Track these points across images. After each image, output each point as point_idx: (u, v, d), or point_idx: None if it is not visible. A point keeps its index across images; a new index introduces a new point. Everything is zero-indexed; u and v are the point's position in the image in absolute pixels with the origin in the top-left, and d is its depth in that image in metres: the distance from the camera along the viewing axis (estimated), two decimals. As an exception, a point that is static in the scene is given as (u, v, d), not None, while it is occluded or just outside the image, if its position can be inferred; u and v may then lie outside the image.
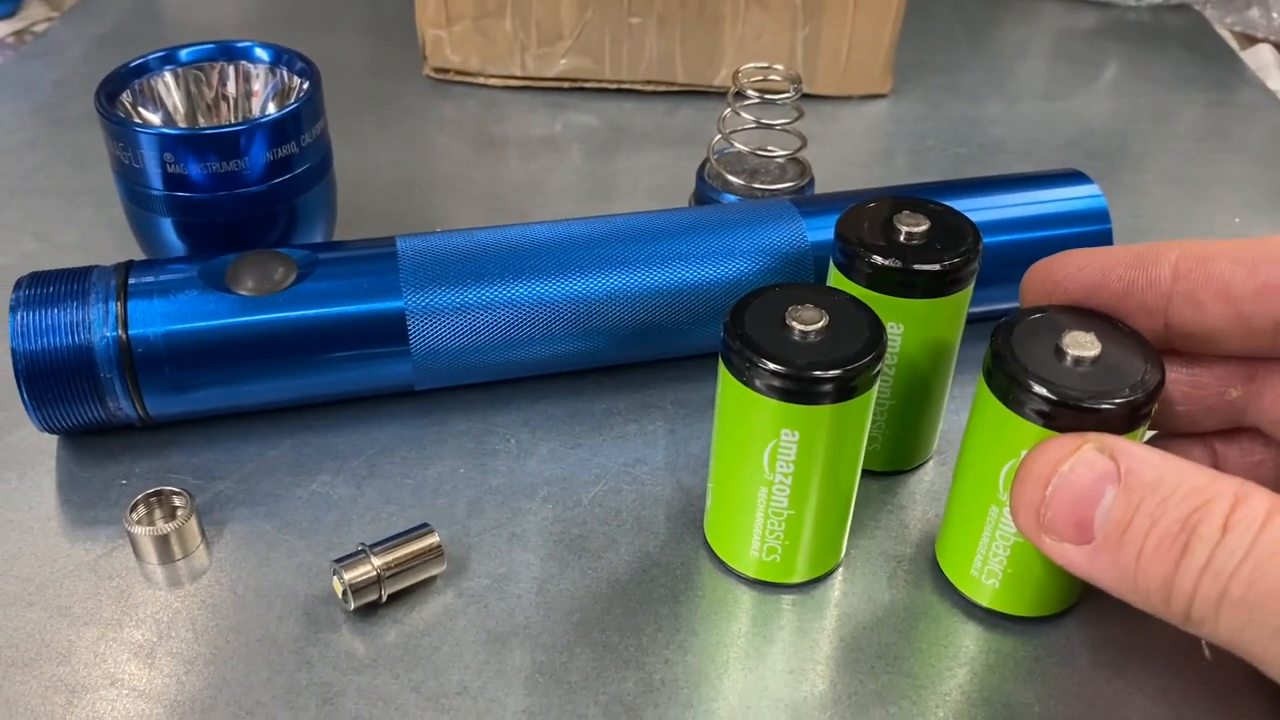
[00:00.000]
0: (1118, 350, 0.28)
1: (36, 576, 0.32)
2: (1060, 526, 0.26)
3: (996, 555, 0.30)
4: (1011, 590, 0.30)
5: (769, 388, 0.28)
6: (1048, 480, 0.26)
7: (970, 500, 0.30)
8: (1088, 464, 0.25)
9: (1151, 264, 0.29)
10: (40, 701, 0.28)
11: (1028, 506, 0.26)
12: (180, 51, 0.41)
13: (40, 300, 0.34)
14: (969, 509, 0.30)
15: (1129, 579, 0.25)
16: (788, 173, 0.45)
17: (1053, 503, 0.26)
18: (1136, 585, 0.25)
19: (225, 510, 0.34)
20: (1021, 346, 0.28)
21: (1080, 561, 0.26)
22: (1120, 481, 0.25)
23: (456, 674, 0.29)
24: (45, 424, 0.34)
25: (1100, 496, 0.25)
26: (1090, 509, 0.25)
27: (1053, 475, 0.26)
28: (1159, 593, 0.24)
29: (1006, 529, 0.29)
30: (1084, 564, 0.26)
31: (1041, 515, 0.26)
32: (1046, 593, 0.30)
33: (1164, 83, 0.62)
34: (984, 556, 0.30)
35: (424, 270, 0.36)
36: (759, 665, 0.30)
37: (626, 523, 0.34)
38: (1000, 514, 0.29)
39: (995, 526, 0.29)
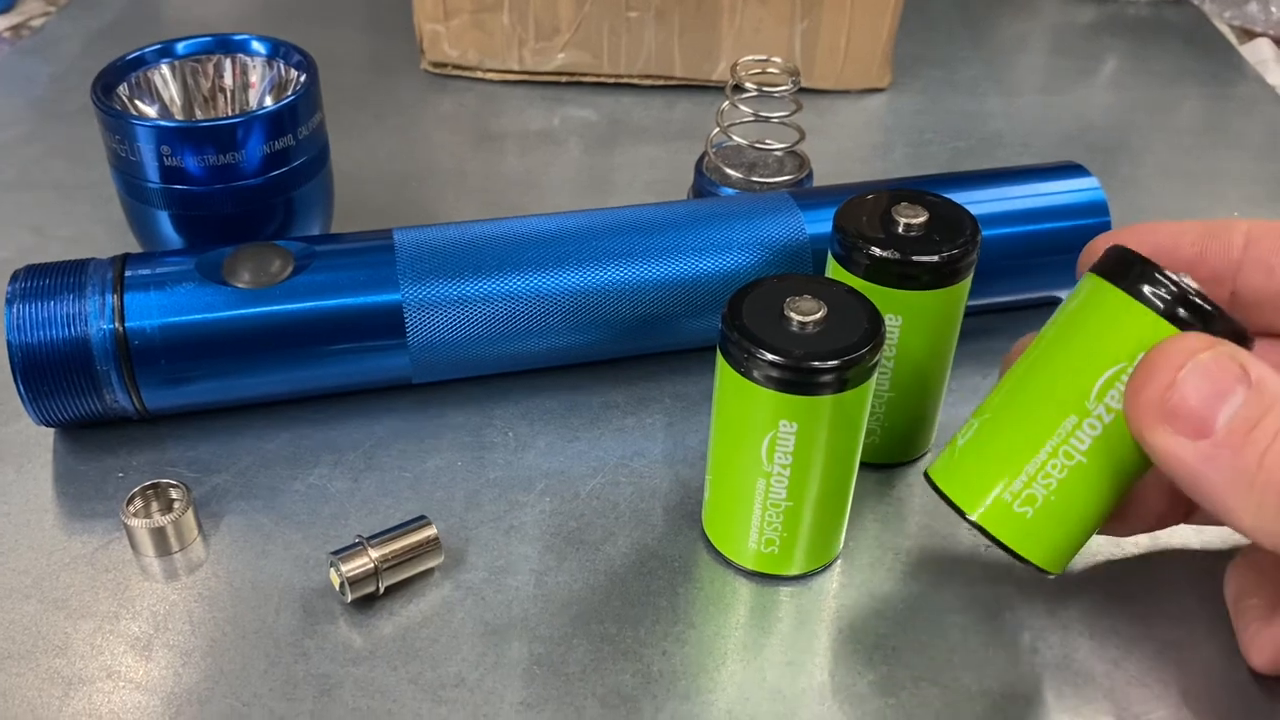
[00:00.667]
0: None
1: (33, 569, 0.32)
2: (1184, 415, 0.25)
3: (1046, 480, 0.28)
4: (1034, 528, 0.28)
5: (767, 378, 0.28)
6: (1179, 366, 0.25)
7: (1030, 419, 0.28)
8: (1224, 360, 0.25)
9: (1224, 231, 0.29)
10: (37, 694, 0.28)
11: (1149, 389, 0.25)
12: (177, 44, 0.41)
13: (36, 293, 0.34)
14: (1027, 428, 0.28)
15: (1245, 479, 0.24)
16: (786, 166, 0.45)
17: (1181, 387, 0.24)
18: (1253, 487, 0.24)
19: (222, 503, 0.34)
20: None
21: (1190, 458, 0.25)
22: (1251, 384, 0.24)
23: (454, 666, 0.29)
24: (42, 417, 0.34)
25: (1230, 393, 0.24)
26: (1219, 402, 0.24)
27: (1188, 362, 0.25)
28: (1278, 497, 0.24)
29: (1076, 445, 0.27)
30: (1194, 461, 0.25)
31: (1164, 402, 0.25)
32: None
33: (1163, 77, 0.62)
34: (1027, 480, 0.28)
35: (421, 263, 0.36)
36: (757, 657, 0.30)
37: (624, 515, 0.34)
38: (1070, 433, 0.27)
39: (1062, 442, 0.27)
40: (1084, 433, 0.27)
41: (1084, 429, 0.27)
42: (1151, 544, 0.33)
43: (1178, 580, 0.32)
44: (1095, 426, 0.27)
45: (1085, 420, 0.27)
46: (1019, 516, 0.28)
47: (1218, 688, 0.29)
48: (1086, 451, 0.27)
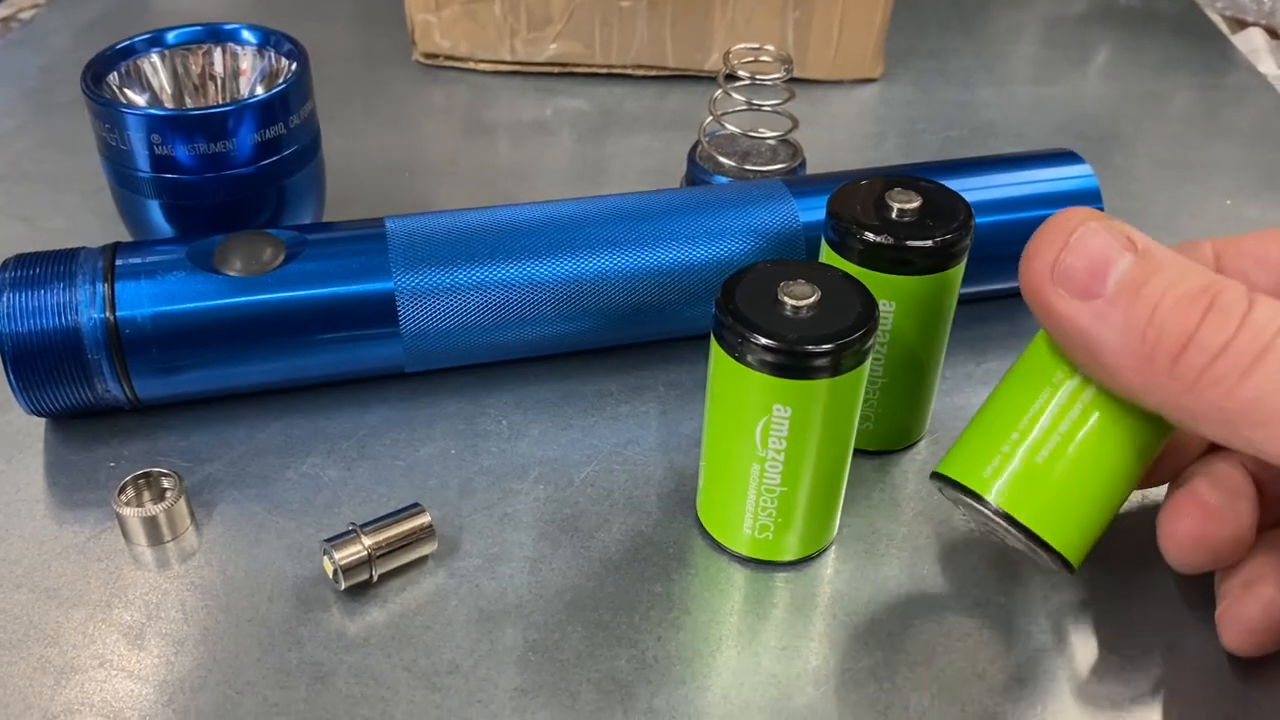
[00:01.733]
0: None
1: (24, 559, 0.31)
2: (1074, 277, 0.26)
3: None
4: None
5: (761, 363, 0.28)
6: (1070, 232, 0.26)
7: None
8: (1113, 227, 0.26)
9: (1193, 249, 0.29)
10: (28, 683, 0.28)
11: (1042, 256, 0.26)
12: (168, 34, 0.41)
13: (26, 282, 0.34)
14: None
15: (1135, 335, 0.25)
16: (779, 154, 0.44)
17: (1072, 251, 0.26)
18: (1144, 341, 0.25)
19: (215, 492, 0.34)
20: None
21: (1084, 319, 0.25)
22: (1138, 251, 0.25)
23: (448, 653, 0.29)
24: (33, 407, 0.34)
25: (1118, 258, 0.25)
26: (1107, 265, 0.25)
27: (1076, 229, 0.26)
28: (1170, 347, 0.24)
29: None
30: (1088, 322, 0.25)
31: (1056, 265, 0.26)
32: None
33: (1155, 67, 0.62)
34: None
35: (413, 251, 0.36)
36: (752, 642, 0.30)
37: (618, 503, 0.34)
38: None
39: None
40: (1074, 409, 0.28)
41: (1073, 407, 0.28)
42: (1147, 528, 0.33)
43: (1172, 564, 0.32)
44: (1084, 399, 0.27)
45: (1076, 398, 0.28)
46: (1035, 491, 0.28)
47: (1210, 673, 0.29)
48: (1076, 420, 0.28)
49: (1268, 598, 0.28)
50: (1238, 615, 0.29)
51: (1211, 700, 0.29)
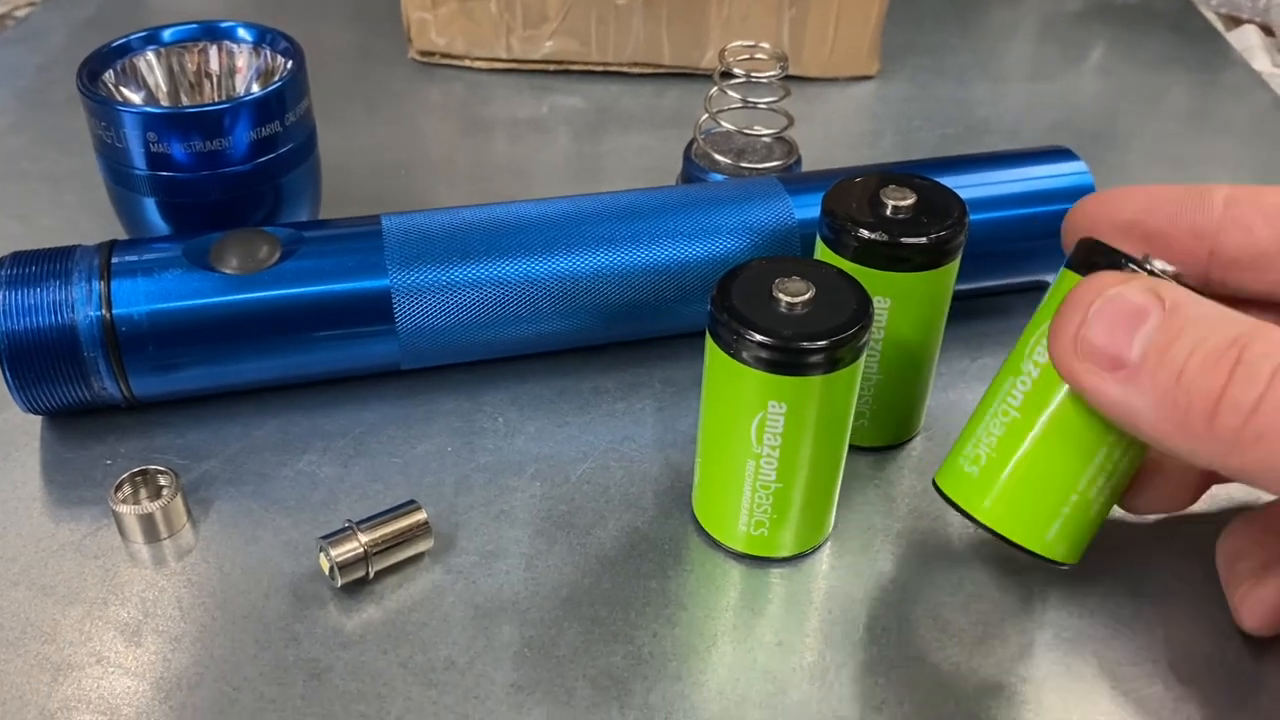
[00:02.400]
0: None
1: (21, 556, 0.31)
2: (1098, 348, 0.25)
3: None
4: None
5: (756, 359, 0.28)
6: (1089, 304, 0.25)
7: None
8: (1134, 289, 0.25)
9: (1203, 193, 0.29)
10: (25, 680, 0.28)
11: (1066, 331, 0.25)
12: (163, 31, 0.41)
13: (22, 280, 0.34)
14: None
15: (1167, 400, 0.24)
16: (775, 152, 0.45)
17: (1093, 323, 0.25)
18: (1177, 404, 0.24)
19: (211, 489, 0.34)
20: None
21: (1114, 392, 0.25)
22: (1165, 310, 0.24)
23: (444, 649, 0.29)
24: (29, 405, 0.34)
25: (1142, 322, 0.24)
26: (1129, 333, 0.24)
27: (1094, 300, 0.25)
28: (1203, 409, 0.23)
29: None
30: (1118, 393, 0.25)
31: (1079, 340, 0.25)
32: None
33: (1150, 64, 0.62)
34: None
35: (409, 248, 0.36)
36: (747, 638, 0.30)
37: (614, 499, 0.34)
38: None
39: None
40: (1017, 390, 0.28)
41: (1016, 386, 0.28)
42: (1142, 520, 0.33)
43: (1170, 557, 0.32)
44: (1025, 383, 0.28)
45: (1018, 379, 0.28)
46: (968, 476, 0.29)
47: (1211, 666, 0.29)
48: (1020, 407, 0.28)
49: None
50: (1260, 598, 0.29)
51: (1214, 697, 0.29)
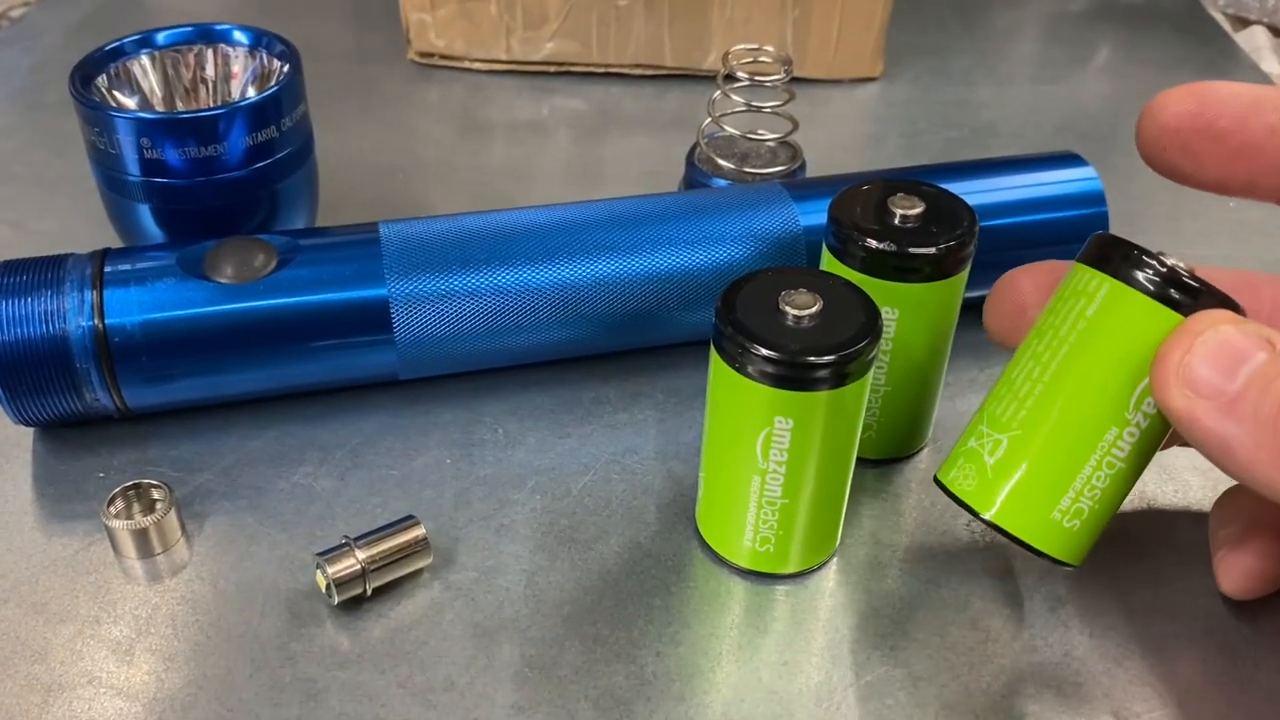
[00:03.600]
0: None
1: (11, 572, 0.31)
2: (1199, 376, 0.24)
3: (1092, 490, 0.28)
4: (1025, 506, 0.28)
5: (762, 374, 0.27)
6: (1197, 334, 0.25)
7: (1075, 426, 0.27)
8: (1246, 330, 0.25)
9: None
10: (15, 701, 0.28)
11: (1169, 357, 0.25)
12: (157, 34, 0.40)
13: (13, 289, 0.33)
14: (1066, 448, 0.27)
15: (1268, 427, 0.23)
16: (779, 156, 0.44)
17: (1197, 351, 0.24)
18: (1278, 433, 0.23)
19: (206, 503, 0.33)
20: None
21: (1209, 418, 0.24)
22: (1274, 351, 0.24)
23: (444, 669, 0.29)
24: (20, 416, 0.34)
25: (1251, 356, 0.24)
26: (1237, 363, 0.24)
27: (1204, 330, 0.25)
28: None
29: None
30: (1215, 419, 0.24)
31: (1181, 365, 0.25)
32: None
33: (1156, 65, 0.62)
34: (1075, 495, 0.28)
35: (408, 257, 0.35)
36: (752, 657, 0.29)
37: (616, 513, 0.33)
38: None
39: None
40: (1125, 441, 0.27)
41: (1125, 438, 0.27)
42: (1151, 540, 0.33)
43: (1178, 577, 0.32)
44: (1134, 434, 0.27)
45: (1125, 429, 0.27)
46: (1069, 530, 0.28)
47: (1217, 686, 0.29)
48: (1126, 458, 0.27)
49: (1264, 545, 0.29)
50: (1236, 562, 0.30)
51: (1223, 714, 0.28)
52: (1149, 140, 0.31)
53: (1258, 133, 0.29)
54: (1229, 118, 0.29)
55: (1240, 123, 0.29)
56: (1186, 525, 0.33)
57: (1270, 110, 0.29)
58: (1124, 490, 0.28)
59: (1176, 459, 0.35)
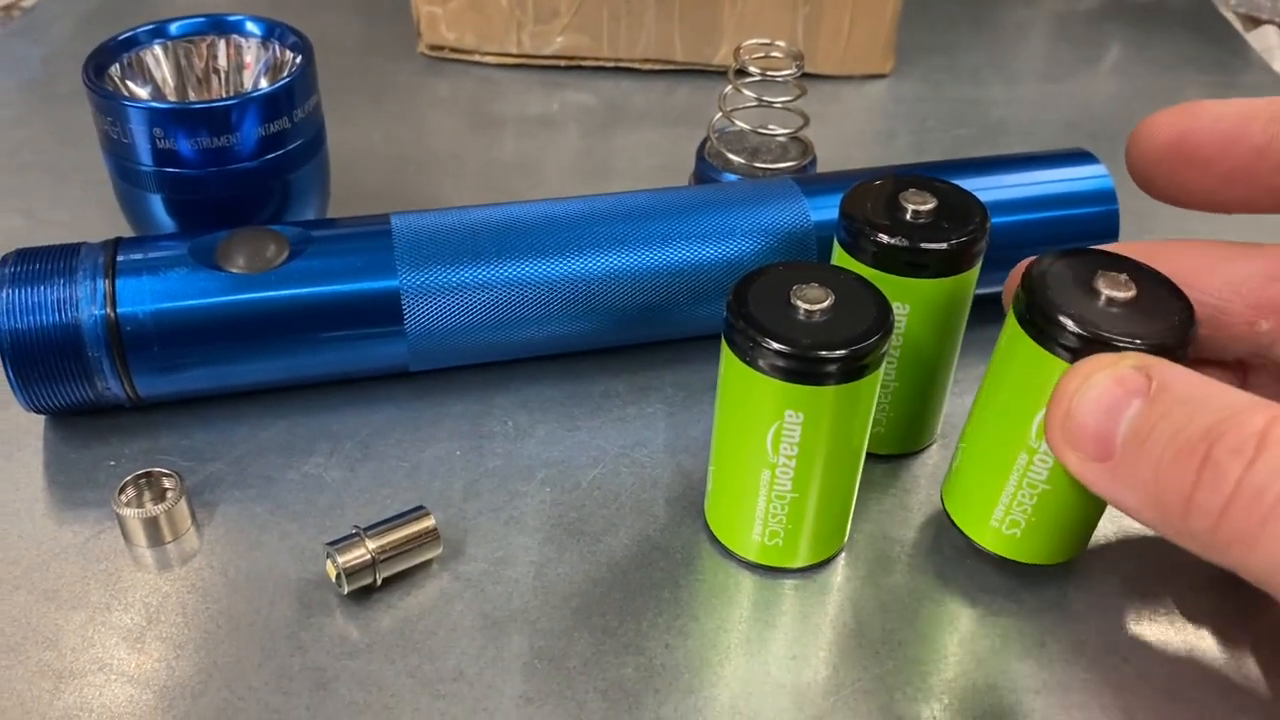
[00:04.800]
0: (1150, 292, 0.28)
1: (23, 559, 0.31)
2: (1083, 437, 0.24)
3: (1021, 505, 0.29)
4: (1031, 540, 0.30)
5: (773, 367, 0.27)
6: (1072, 393, 0.25)
7: (994, 447, 0.29)
8: (1118, 377, 0.24)
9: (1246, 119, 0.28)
10: (27, 687, 0.28)
11: (1054, 419, 0.25)
12: (170, 25, 0.40)
13: (26, 277, 0.33)
14: (992, 456, 0.29)
15: (1148, 495, 0.23)
16: (789, 151, 0.44)
17: (1076, 412, 0.24)
18: (1157, 501, 0.23)
19: (216, 492, 0.33)
20: (1055, 286, 0.28)
21: (1102, 480, 0.24)
22: (1149, 394, 0.23)
23: (453, 659, 0.29)
24: (32, 404, 0.34)
25: (1126, 408, 0.24)
26: (1114, 421, 0.24)
27: (1079, 387, 0.24)
28: (1176, 510, 0.22)
29: (1035, 476, 0.29)
30: (1106, 482, 0.24)
31: (1065, 427, 0.25)
32: (1065, 541, 0.30)
33: (1166, 65, 0.61)
34: (1007, 507, 0.30)
35: (419, 248, 0.35)
36: (761, 650, 0.29)
37: (625, 506, 0.33)
38: (1029, 461, 0.28)
39: (1023, 474, 0.29)
40: (1039, 466, 0.28)
41: (1036, 464, 0.28)
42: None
43: (1191, 573, 0.32)
44: (1046, 460, 0.28)
45: (1035, 456, 0.28)
46: (1010, 536, 0.30)
47: (1228, 682, 0.29)
48: (1048, 480, 0.28)
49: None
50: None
51: (1234, 710, 0.28)
52: (1136, 169, 0.31)
53: (1244, 156, 0.29)
54: (1212, 145, 0.29)
55: (1224, 149, 0.29)
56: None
57: (1258, 130, 0.29)
58: (1069, 502, 0.29)
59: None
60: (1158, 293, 0.28)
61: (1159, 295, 0.28)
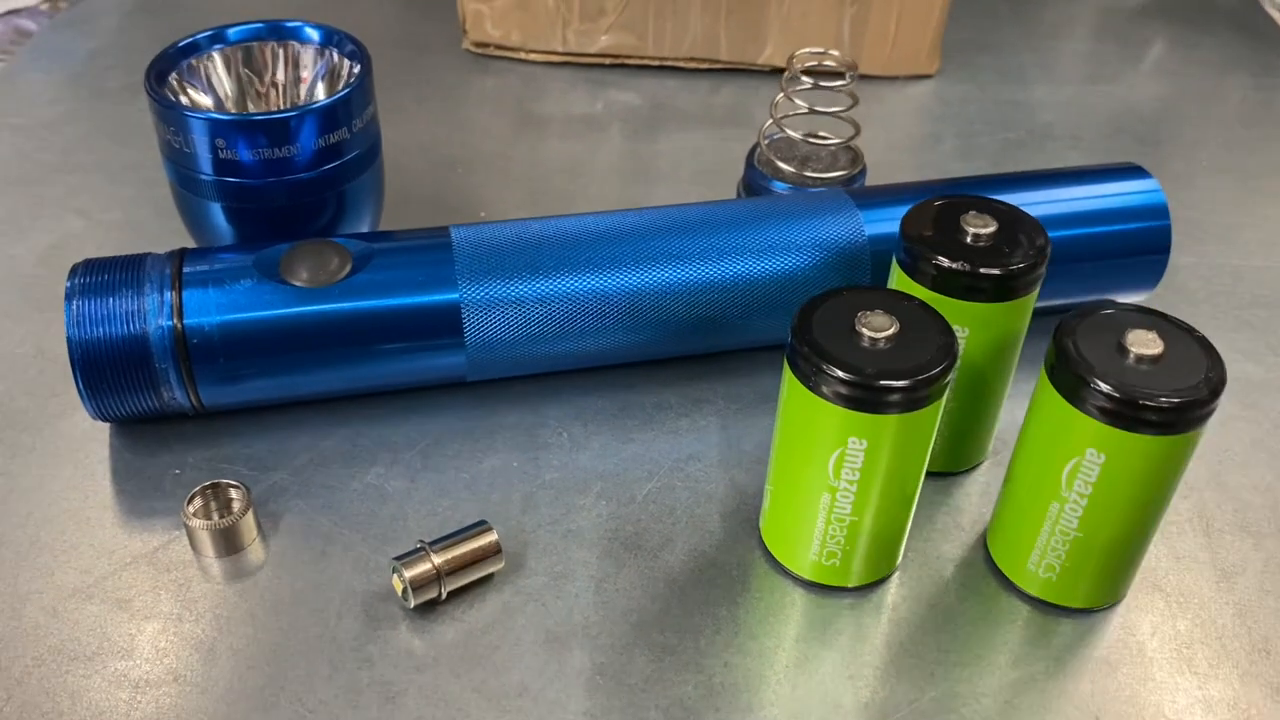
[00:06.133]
0: (1179, 348, 0.28)
1: (95, 569, 0.32)
2: None
3: (1055, 550, 0.30)
4: (1067, 583, 0.31)
5: (837, 395, 0.28)
6: None
7: (1029, 496, 0.30)
8: None
9: None
10: (104, 696, 0.28)
11: None
12: (228, 30, 0.41)
13: (95, 289, 0.34)
14: (1028, 504, 0.30)
15: None
16: (839, 160, 0.44)
17: None
18: None
19: (280, 502, 0.34)
20: (1085, 344, 0.28)
21: None
22: None
23: (517, 674, 0.29)
24: (99, 412, 0.34)
25: None
26: None
27: None
28: None
29: (1067, 524, 0.29)
30: None
31: None
32: (1100, 586, 0.31)
33: (1212, 65, 0.61)
34: (1041, 550, 0.30)
35: (479, 262, 0.35)
36: (818, 670, 0.30)
37: (681, 521, 0.34)
38: (1060, 510, 0.29)
39: (1055, 522, 0.29)
40: (1069, 514, 0.29)
41: (1067, 510, 0.29)
42: (1224, 564, 0.33)
43: (1250, 596, 0.32)
44: (1077, 508, 0.29)
45: (1065, 505, 0.29)
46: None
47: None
48: (1079, 527, 0.29)
49: None
50: None
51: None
52: None
53: None
54: None
55: None
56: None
57: None
58: (1101, 548, 0.30)
59: (1237, 478, 0.35)
60: (1188, 349, 0.28)
61: (1189, 352, 0.28)
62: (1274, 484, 0.36)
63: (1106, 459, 0.28)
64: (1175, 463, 0.28)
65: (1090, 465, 0.28)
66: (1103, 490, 0.28)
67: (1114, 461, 0.28)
